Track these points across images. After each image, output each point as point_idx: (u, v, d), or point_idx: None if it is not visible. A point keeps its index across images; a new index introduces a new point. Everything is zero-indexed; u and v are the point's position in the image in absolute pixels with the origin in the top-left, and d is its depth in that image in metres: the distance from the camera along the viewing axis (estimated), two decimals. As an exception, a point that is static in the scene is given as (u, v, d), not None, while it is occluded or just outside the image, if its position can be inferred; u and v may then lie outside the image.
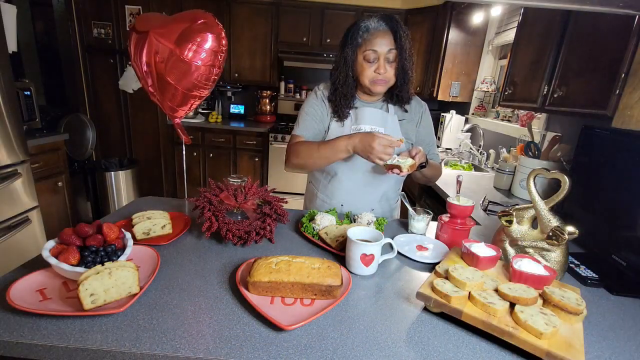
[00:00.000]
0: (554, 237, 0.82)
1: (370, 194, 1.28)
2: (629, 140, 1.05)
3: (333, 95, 1.21)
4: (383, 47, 1.08)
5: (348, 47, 1.12)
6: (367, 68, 1.12)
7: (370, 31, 1.10)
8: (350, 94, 1.19)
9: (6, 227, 2.09)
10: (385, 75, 1.12)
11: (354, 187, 1.27)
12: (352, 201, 1.28)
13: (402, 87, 1.18)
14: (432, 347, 0.63)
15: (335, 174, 1.26)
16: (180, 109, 1.26)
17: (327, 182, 1.30)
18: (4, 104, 2.01)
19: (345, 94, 1.18)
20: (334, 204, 1.30)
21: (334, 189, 1.29)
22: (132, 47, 1.17)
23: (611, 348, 0.68)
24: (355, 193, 1.27)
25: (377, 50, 1.09)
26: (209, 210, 0.97)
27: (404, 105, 1.25)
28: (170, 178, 3.83)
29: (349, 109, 1.22)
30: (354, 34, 1.11)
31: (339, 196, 1.29)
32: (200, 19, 1.13)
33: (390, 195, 1.33)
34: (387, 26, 1.09)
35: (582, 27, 1.42)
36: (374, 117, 1.22)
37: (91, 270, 0.66)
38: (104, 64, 3.49)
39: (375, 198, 1.30)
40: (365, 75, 1.13)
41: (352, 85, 1.18)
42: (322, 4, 3.47)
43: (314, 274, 0.74)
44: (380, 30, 1.09)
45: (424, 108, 1.29)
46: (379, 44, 1.08)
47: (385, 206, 1.33)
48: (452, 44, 3.08)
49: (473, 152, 2.75)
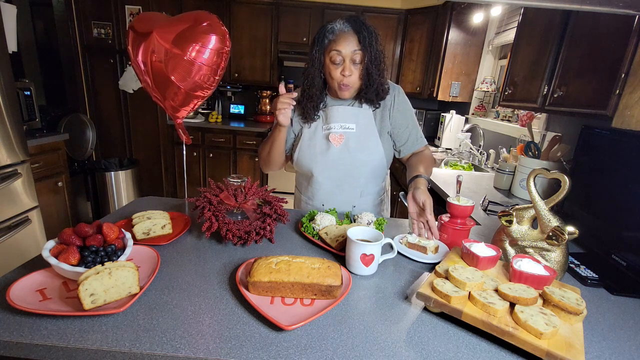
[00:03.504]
0: (554, 237, 0.82)
1: (348, 191, 1.29)
2: (629, 140, 1.05)
3: (301, 98, 1.22)
4: (347, 48, 1.09)
5: (315, 48, 1.14)
6: (333, 70, 1.13)
7: (336, 32, 1.11)
8: (317, 96, 1.21)
9: (6, 227, 2.09)
10: (349, 79, 1.13)
11: (331, 185, 1.28)
12: (332, 200, 1.30)
13: (367, 90, 1.17)
14: (432, 347, 0.63)
15: (312, 175, 1.28)
16: (182, 109, 1.26)
17: (307, 184, 1.33)
18: (4, 104, 2.01)
19: (311, 96, 1.20)
20: (315, 204, 1.33)
21: (313, 190, 1.31)
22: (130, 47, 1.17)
23: (611, 348, 0.68)
24: (334, 191, 1.29)
25: (342, 51, 1.10)
26: (209, 210, 0.96)
27: (377, 103, 1.23)
28: (170, 178, 3.83)
29: (317, 111, 1.24)
30: (321, 36, 1.13)
31: (319, 196, 1.31)
32: (205, 21, 1.14)
33: (371, 190, 1.32)
34: (351, 28, 1.10)
35: (582, 27, 1.41)
36: (344, 115, 1.22)
37: (91, 270, 0.66)
38: (104, 64, 3.50)
39: (355, 195, 1.30)
40: (333, 77, 1.15)
41: (320, 86, 1.20)
42: (322, 4, 3.47)
43: (314, 274, 0.74)
44: (344, 32, 1.10)
45: (396, 91, 1.25)
46: (343, 45, 1.10)
47: (368, 202, 1.33)
48: (452, 44, 3.08)
49: (473, 152, 2.76)
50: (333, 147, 1.22)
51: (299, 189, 1.40)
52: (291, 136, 1.31)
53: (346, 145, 1.22)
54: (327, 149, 1.23)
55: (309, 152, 1.25)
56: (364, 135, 1.23)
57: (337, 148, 1.22)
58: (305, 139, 1.26)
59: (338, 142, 1.22)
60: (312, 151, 1.25)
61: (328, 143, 1.23)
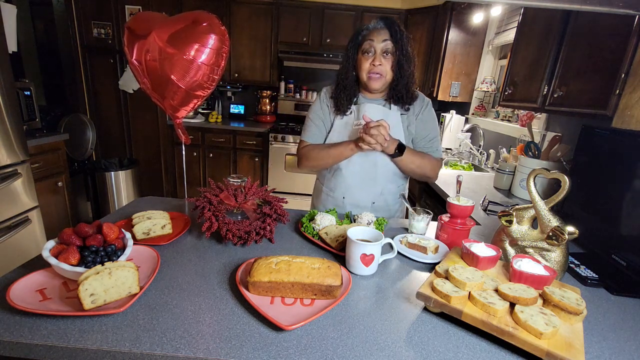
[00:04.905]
0: (554, 237, 0.82)
1: (370, 187, 1.32)
2: (629, 140, 1.05)
3: (335, 90, 1.29)
4: (379, 37, 1.17)
5: (350, 45, 1.23)
6: (364, 61, 1.20)
7: (370, 29, 1.21)
8: (350, 87, 1.26)
9: (6, 227, 2.09)
10: (380, 68, 1.18)
11: (354, 180, 1.32)
12: (353, 194, 1.34)
13: (398, 83, 1.22)
14: (432, 347, 0.63)
15: (338, 168, 1.32)
16: (182, 109, 1.26)
17: (330, 176, 1.37)
18: (4, 104, 2.01)
19: (345, 87, 1.26)
20: (336, 196, 1.36)
21: (336, 182, 1.35)
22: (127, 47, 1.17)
23: (611, 348, 0.68)
24: (356, 186, 1.33)
25: (373, 40, 1.17)
26: (209, 210, 0.97)
27: (406, 106, 1.28)
28: (170, 178, 3.83)
29: (350, 104, 1.28)
30: (356, 35, 1.23)
31: (341, 189, 1.35)
32: (204, 21, 1.14)
33: (392, 190, 1.36)
34: (384, 24, 1.19)
35: (582, 27, 1.41)
36: (375, 112, 1.26)
37: (91, 270, 0.66)
38: (104, 64, 3.49)
39: (376, 192, 1.33)
40: (362, 69, 1.21)
41: (352, 80, 1.26)
42: (322, 4, 3.47)
43: (314, 274, 0.74)
44: (377, 28, 1.19)
45: (425, 102, 1.33)
46: (374, 35, 1.18)
47: (388, 200, 1.36)
48: (452, 44, 3.07)
49: (473, 152, 2.75)
50: None
51: (321, 180, 1.43)
52: (324, 129, 1.35)
53: None
54: None
55: None
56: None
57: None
58: (335, 131, 1.31)
59: None
60: None
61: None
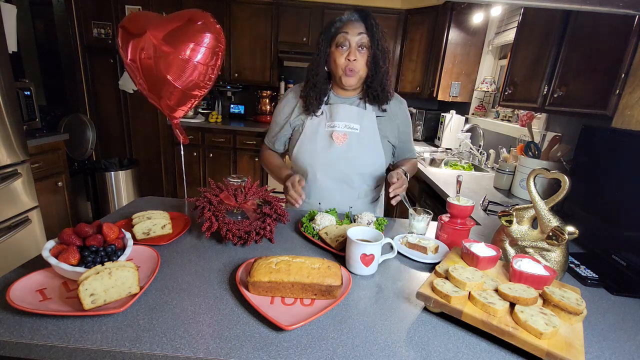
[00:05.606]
0: (554, 237, 0.82)
1: (346, 191, 1.28)
2: (629, 140, 1.05)
3: (305, 88, 1.23)
4: (354, 31, 1.12)
5: (322, 37, 1.17)
6: (338, 56, 1.14)
7: (343, 21, 1.15)
8: (321, 86, 1.20)
9: (6, 227, 2.09)
10: (355, 63, 1.13)
11: (329, 185, 1.27)
12: (330, 199, 1.29)
13: (373, 80, 1.18)
14: (432, 347, 0.63)
15: (311, 172, 1.27)
16: (179, 109, 1.26)
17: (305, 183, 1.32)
18: (4, 104, 2.01)
19: (315, 84, 1.20)
20: (312, 202, 1.31)
21: (311, 188, 1.29)
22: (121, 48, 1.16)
23: (611, 348, 0.68)
24: (331, 191, 1.28)
25: (348, 33, 1.12)
26: (209, 210, 0.96)
27: (381, 105, 1.24)
28: (170, 178, 3.83)
29: (320, 103, 1.23)
30: (329, 27, 1.16)
31: (316, 194, 1.30)
32: (199, 20, 1.13)
33: (369, 193, 1.33)
34: (359, 16, 1.14)
35: (582, 27, 1.42)
36: (349, 114, 1.22)
37: (91, 270, 0.66)
38: (104, 64, 3.50)
39: (353, 196, 1.29)
40: (337, 64, 1.15)
41: (323, 76, 1.20)
42: (322, 4, 3.47)
43: (314, 274, 0.74)
44: (352, 20, 1.14)
45: (404, 105, 1.30)
46: (349, 28, 1.12)
47: (365, 203, 1.33)
48: (452, 44, 3.08)
49: (473, 152, 2.75)
50: (335, 145, 1.22)
51: None
52: (288, 131, 1.31)
53: (349, 146, 1.22)
54: (330, 147, 1.22)
55: (310, 148, 1.24)
56: (367, 137, 1.23)
57: (340, 147, 1.22)
58: (307, 134, 1.25)
59: (341, 141, 1.22)
60: (314, 147, 1.23)
61: (331, 141, 1.22)
